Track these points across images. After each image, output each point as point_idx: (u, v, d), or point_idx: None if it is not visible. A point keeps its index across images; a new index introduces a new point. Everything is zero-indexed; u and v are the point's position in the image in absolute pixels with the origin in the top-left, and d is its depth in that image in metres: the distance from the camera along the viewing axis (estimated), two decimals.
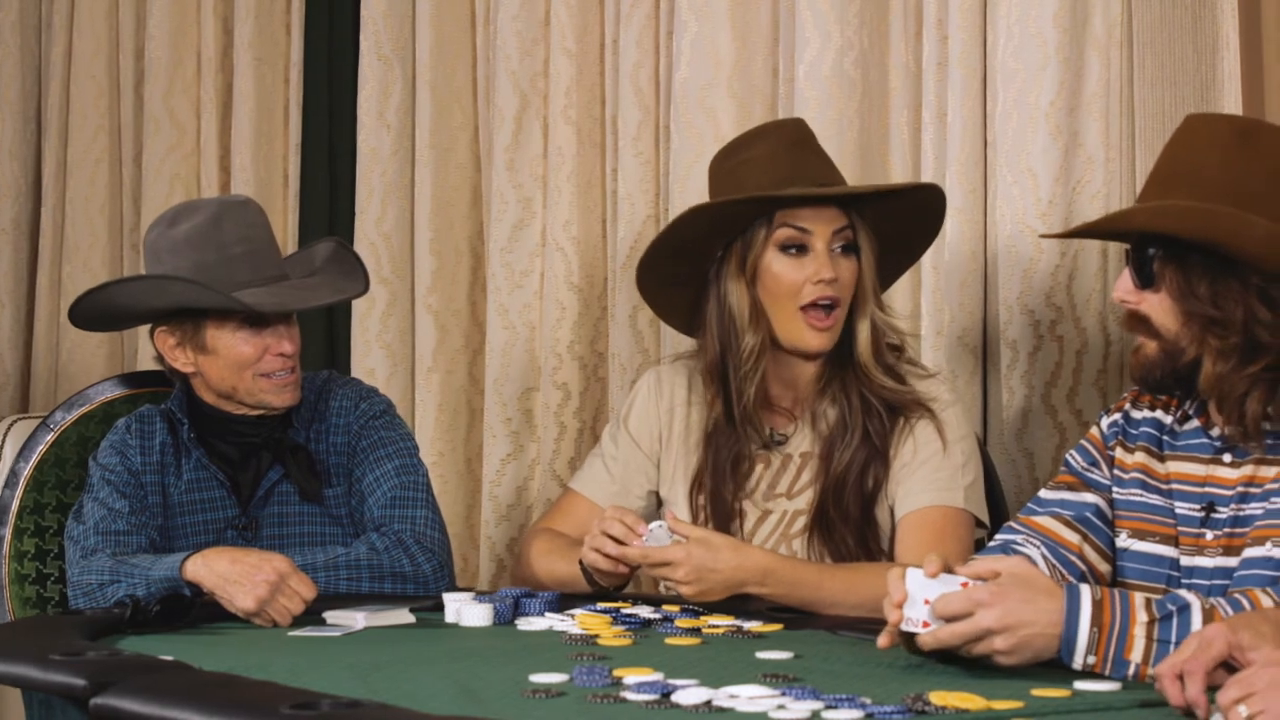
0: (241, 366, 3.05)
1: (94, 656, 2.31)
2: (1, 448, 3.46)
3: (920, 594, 2.28)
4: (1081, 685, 2.16)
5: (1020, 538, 2.61)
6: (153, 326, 3.11)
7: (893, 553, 2.96)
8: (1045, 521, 2.62)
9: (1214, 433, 2.52)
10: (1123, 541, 2.58)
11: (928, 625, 2.27)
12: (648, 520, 2.87)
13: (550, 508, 3.27)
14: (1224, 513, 2.48)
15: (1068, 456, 2.67)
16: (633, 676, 2.19)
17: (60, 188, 4.71)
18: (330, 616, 2.75)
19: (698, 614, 2.73)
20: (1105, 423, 2.66)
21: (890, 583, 2.31)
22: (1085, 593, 2.24)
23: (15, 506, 3.21)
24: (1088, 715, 2.04)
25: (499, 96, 3.96)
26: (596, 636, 2.56)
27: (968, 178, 3.36)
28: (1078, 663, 2.23)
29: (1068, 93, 3.26)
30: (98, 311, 3.14)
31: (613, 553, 2.83)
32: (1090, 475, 2.63)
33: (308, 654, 2.51)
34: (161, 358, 3.11)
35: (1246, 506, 2.46)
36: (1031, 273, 3.29)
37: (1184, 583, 2.50)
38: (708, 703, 2.06)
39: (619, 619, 2.69)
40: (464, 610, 2.75)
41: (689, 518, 3.03)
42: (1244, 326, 2.43)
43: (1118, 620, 2.22)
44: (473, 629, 2.72)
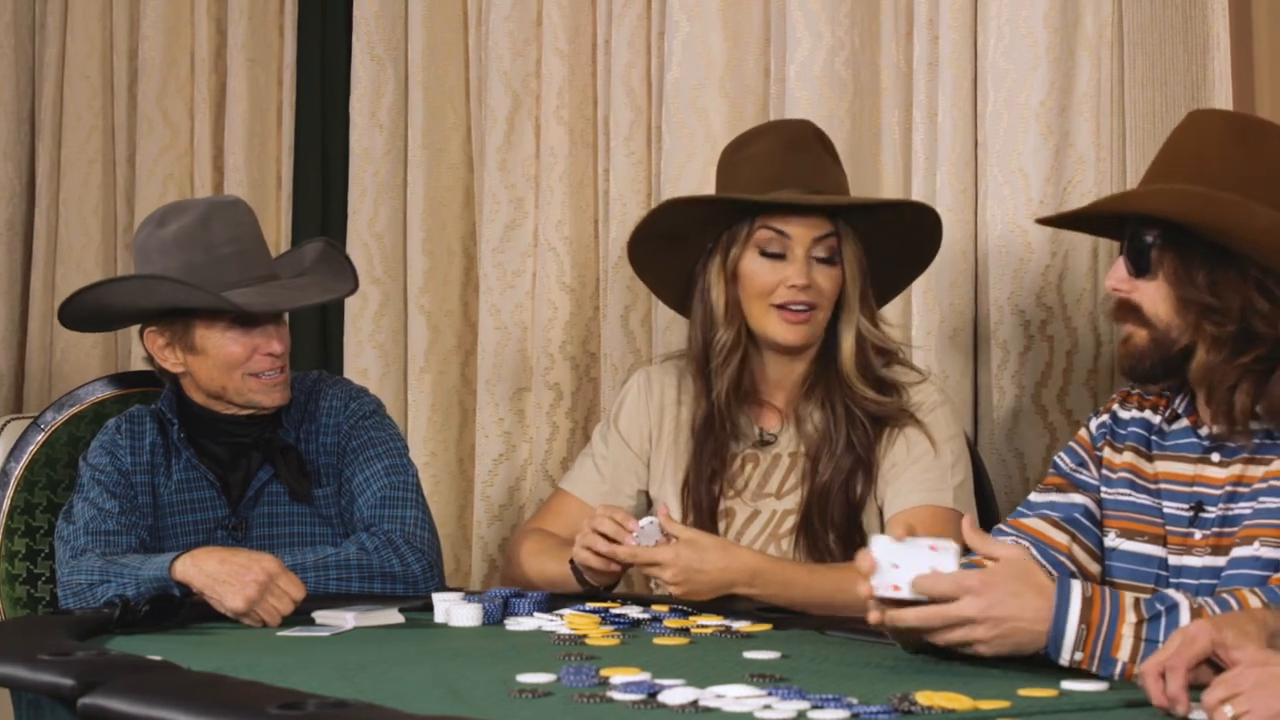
0: (230, 366, 3.05)
1: (82, 656, 2.31)
2: None
3: (887, 560, 2.29)
4: (1068, 685, 2.16)
5: (1009, 539, 2.61)
6: (142, 327, 3.11)
7: None
8: (1033, 523, 2.62)
9: (1203, 432, 2.52)
10: (1111, 541, 2.58)
11: (898, 589, 2.27)
12: (638, 520, 2.87)
13: (540, 508, 3.28)
14: (1212, 512, 2.48)
15: (1056, 458, 2.67)
16: (619, 676, 2.19)
17: (54, 188, 4.71)
18: (319, 616, 2.76)
19: (686, 614, 2.73)
20: (1094, 424, 2.66)
21: (858, 556, 2.32)
22: (1076, 588, 2.24)
23: (6, 506, 3.21)
24: (1074, 715, 2.04)
25: (491, 97, 3.96)
26: (585, 636, 2.56)
27: (958, 178, 3.36)
28: (1065, 659, 2.23)
29: (1058, 93, 3.26)
30: (87, 312, 3.14)
31: (603, 550, 2.83)
32: (1078, 476, 2.63)
33: (296, 654, 2.51)
34: (151, 358, 3.12)
35: (1235, 506, 2.46)
36: (1022, 273, 3.29)
37: (1172, 582, 2.50)
38: (694, 703, 2.06)
39: (608, 619, 2.69)
40: (453, 610, 2.76)
41: (679, 517, 3.04)
42: (1241, 315, 2.43)
43: (1106, 618, 2.22)
44: (461, 629, 2.72)
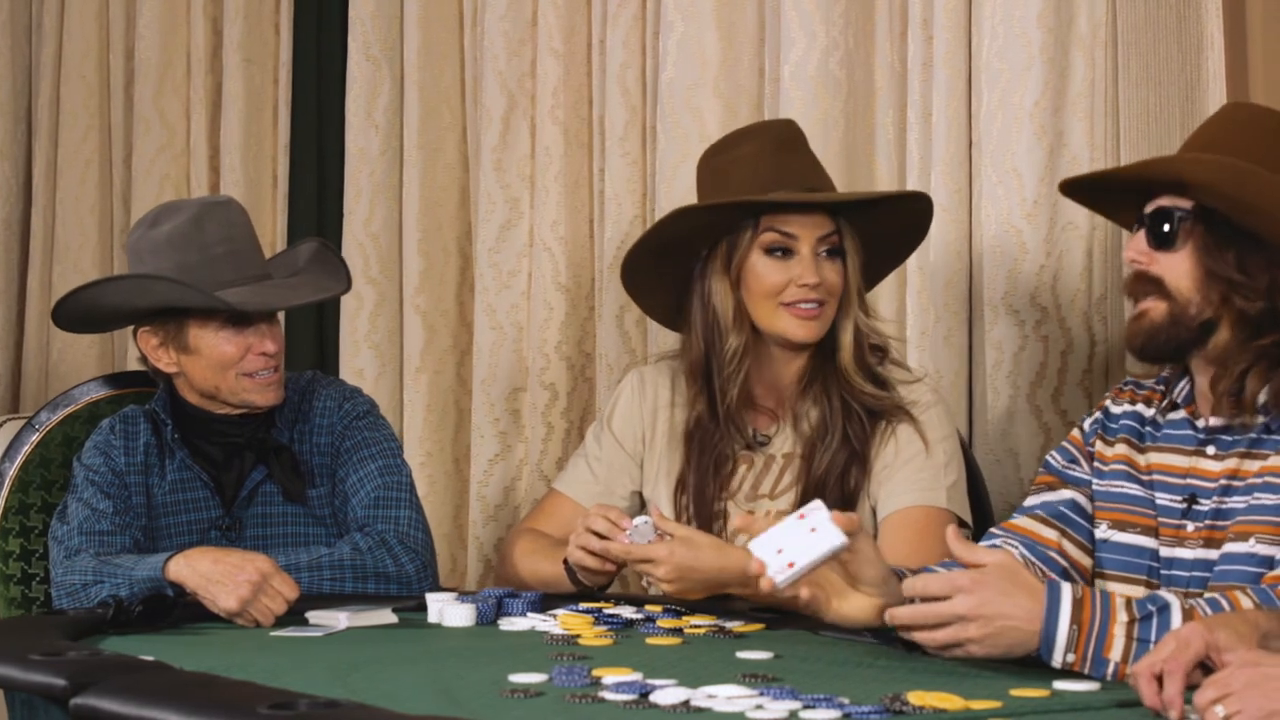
0: (224, 366, 3.05)
1: (74, 656, 2.31)
2: None
3: (771, 549, 2.30)
4: (1060, 685, 2.16)
5: (999, 541, 2.61)
6: (136, 327, 3.11)
7: None
8: (1022, 522, 2.62)
9: (1199, 424, 2.52)
10: (1102, 533, 2.58)
11: (792, 565, 2.28)
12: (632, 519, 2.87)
13: (534, 508, 3.28)
14: (1206, 505, 2.48)
15: (1048, 457, 2.68)
16: (611, 676, 2.19)
17: (51, 188, 4.71)
18: (313, 617, 2.75)
19: (680, 614, 2.73)
20: (1086, 423, 2.67)
21: (744, 562, 2.33)
22: (1066, 590, 2.24)
23: (0, 507, 3.21)
24: (1066, 715, 2.04)
25: (486, 97, 3.96)
26: (578, 636, 2.56)
27: (953, 178, 3.36)
28: (1057, 660, 2.23)
29: (1052, 93, 3.26)
30: (82, 312, 3.14)
31: (596, 548, 2.83)
32: (1069, 472, 2.64)
33: (289, 654, 2.51)
34: (145, 358, 3.12)
35: (1229, 500, 2.47)
36: (1016, 273, 3.29)
37: (1163, 574, 2.50)
38: (685, 703, 2.06)
39: (601, 619, 2.69)
40: (446, 610, 2.75)
41: (672, 518, 3.03)
42: (1269, 293, 2.44)
43: (1097, 618, 2.22)
44: (455, 629, 2.72)
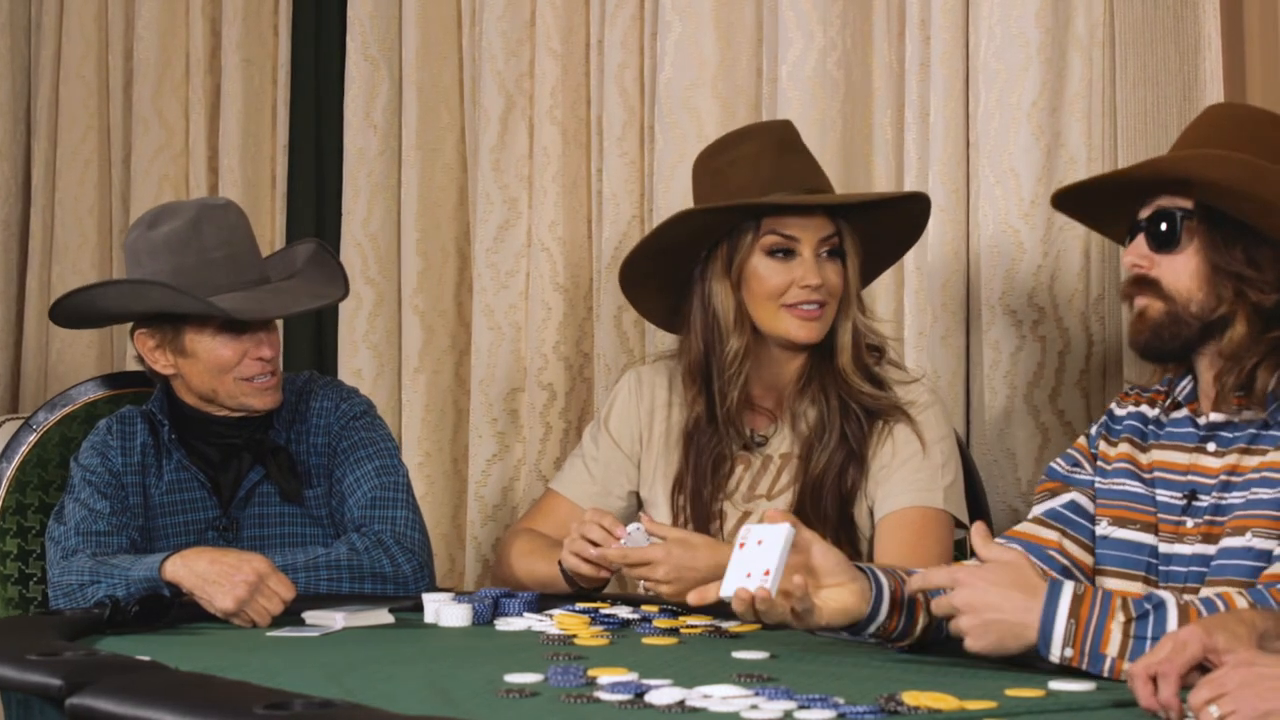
0: (221, 370, 3.05)
1: (70, 656, 2.30)
2: None
3: (739, 581, 2.30)
4: (1056, 685, 2.16)
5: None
6: (133, 327, 3.11)
7: (872, 554, 2.96)
8: (1023, 527, 2.63)
9: (1200, 421, 2.52)
10: (1102, 529, 2.58)
11: (768, 572, 2.28)
12: (627, 521, 2.87)
13: (531, 508, 3.28)
14: (1205, 501, 2.48)
15: (1052, 464, 2.67)
16: (607, 676, 2.19)
17: (50, 188, 4.72)
18: (309, 617, 2.75)
19: (676, 614, 2.73)
20: (1092, 429, 2.67)
21: (735, 603, 2.33)
22: (1067, 587, 2.25)
23: None
24: (1062, 715, 2.04)
25: (485, 97, 3.96)
26: (574, 636, 2.56)
27: (950, 178, 3.36)
28: (1055, 655, 2.23)
29: (1050, 93, 3.26)
30: (78, 313, 3.14)
31: (591, 555, 2.83)
32: (1074, 475, 2.63)
33: (285, 654, 2.51)
34: (142, 359, 3.12)
35: (1228, 495, 2.47)
36: (1014, 273, 3.29)
37: (1162, 570, 2.50)
38: (681, 703, 2.06)
39: (597, 619, 2.69)
40: (443, 610, 2.75)
41: (670, 519, 3.04)
42: (1278, 285, 2.44)
43: (1095, 614, 2.23)
44: (451, 629, 2.72)
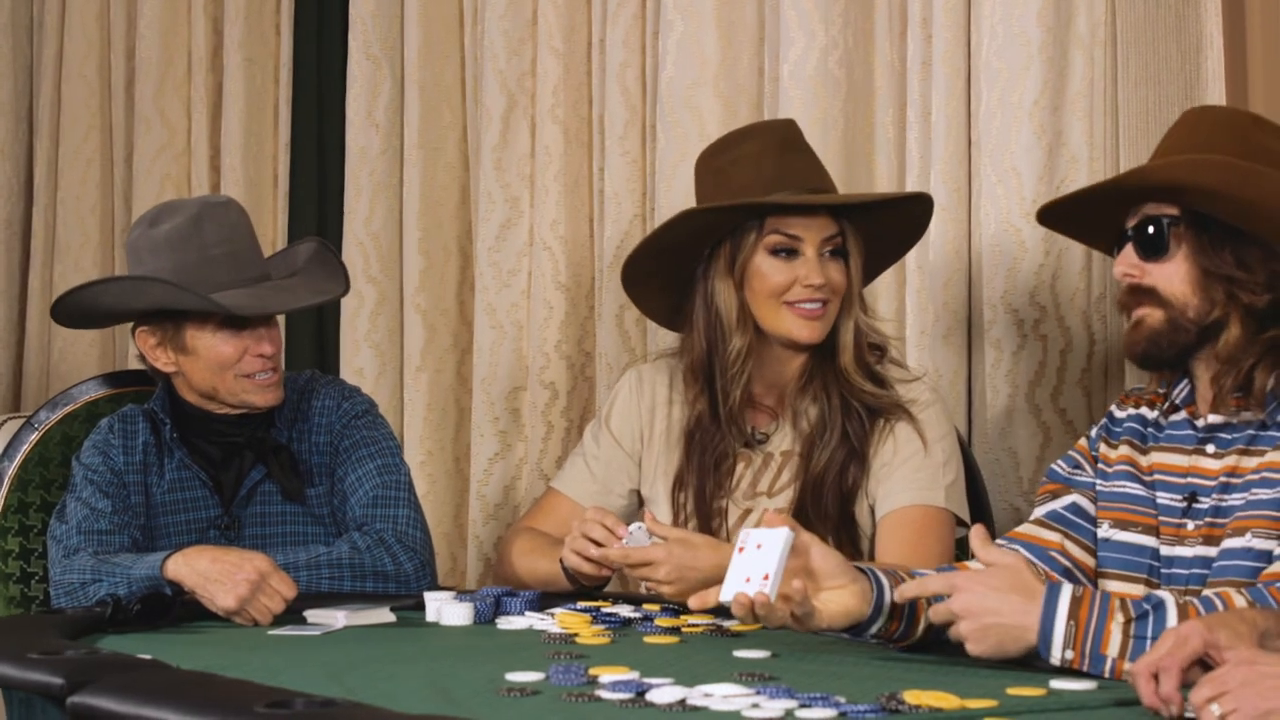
0: (222, 367, 3.05)
1: (72, 655, 2.31)
2: None
3: (738, 585, 2.30)
4: (1057, 684, 2.16)
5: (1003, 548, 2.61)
6: (134, 326, 3.12)
7: (873, 552, 2.96)
8: (1024, 529, 2.63)
9: (1199, 423, 2.52)
10: (1104, 532, 2.58)
11: (767, 577, 2.28)
12: (629, 519, 2.87)
13: (532, 506, 3.28)
14: (1205, 503, 2.49)
15: (1053, 466, 2.67)
16: (608, 675, 2.19)
17: (52, 187, 4.72)
18: (311, 615, 2.76)
19: (677, 613, 2.73)
20: (1092, 432, 2.67)
21: (735, 608, 2.32)
22: (1066, 589, 2.25)
23: (0, 505, 3.21)
24: (1063, 715, 2.04)
25: (486, 96, 3.96)
26: (575, 635, 2.56)
27: (952, 177, 3.36)
28: (1055, 657, 2.23)
29: (1051, 92, 3.26)
30: (79, 311, 3.14)
31: (593, 555, 2.83)
32: (1075, 477, 2.64)
33: (286, 653, 2.51)
34: (143, 357, 3.12)
35: (1228, 497, 2.47)
36: (1015, 272, 3.29)
37: (1164, 572, 2.51)
38: (682, 701, 2.06)
39: (599, 618, 2.69)
40: (444, 609, 2.75)
41: (671, 517, 3.04)
42: (1270, 284, 2.44)
43: (1095, 615, 2.23)
44: (452, 628, 2.72)
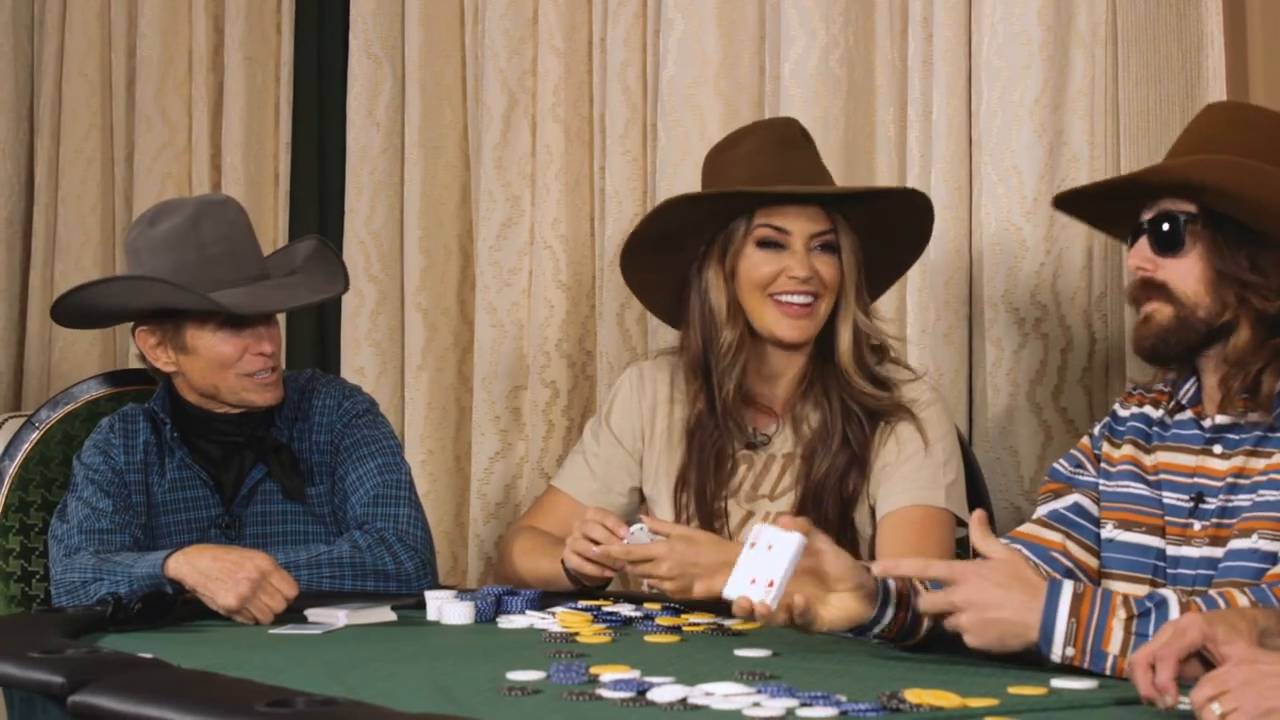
0: (222, 366, 3.05)
1: (72, 654, 2.31)
2: None
3: (743, 584, 2.30)
4: (1058, 683, 2.16)
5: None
6: (134, 325, 3.12)
7: (873, 554, 2.95)
8: (1026, 529, 2.62)
9: (1206, 423, 2.52)
10: (1108, 532, 2.58)
11: (772, 583, 2.29)
12: (630, 518, 2.87)
13: (532, 505, 3.27)
14: (1212, 503, 2.48)
15: (1055, 465, 2.67)
16: (609, 674, 2.19)
17: (53, 186, 4.72)
18: (312, 614, 2.76)
19: (678, 611, 2.73)
20: (1095, 429, 2.67)
21: (736, 608, 2.33)
22: (1067, 585, 2.25)
23: (0, 504, 3.21)
24: (1064, 713, 2.04)
25: (487, 95, 3.96)
26: (576, 634, 2.56)
27: (953, 175, 3.36)
28: (1056, 654, 2.23)
29: (1052, 90, 3.26)
30: (79, 311, 3.14)
31: (595, 554, 2.82)
32: (1077, 477, 2.63)
33: (287, 652, 2.51)
34: (143, 356, 3.12)
35: (1235, 498, 2.46)
36: (1016, 270, 3.29)
37: (1169, 573, 2.50)
38: (683, 700, 2.06)
39: (599, 617, 2.69)
40: (445, 608, 2.76)
41: (673, 516, 3.03)
42: None
43: (1096, 612, 2.23)
44: (453, 627, 2.72)
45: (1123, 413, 2.64)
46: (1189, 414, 2.55)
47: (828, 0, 3.49)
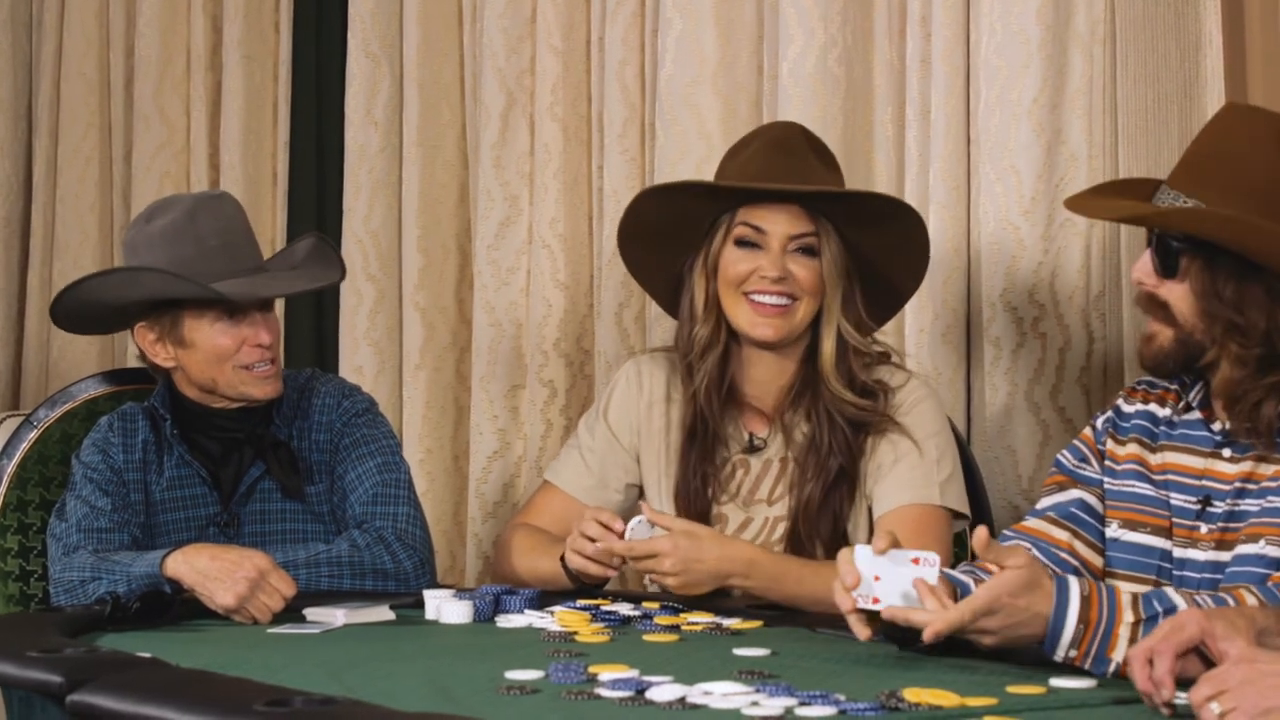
0: (221, 358, 3.05)
1: (71, 653, 2.31)
2: None
3: (870, 572, 2.31)
4: (1057, 682, 2.16)
5: (1011, 541, 2.60)
6: (133, 323, 3.11)
7: None
8: (1033, 524, 2.62)
9: (1215, 426, 2.52)
10: (1113, 532, 2.57)
11: (878, 601, 2.29)
12: (627, 515, 2.87)
13: (528, 501, 3.26)
14: (1220, 507, 2.48)
15: (1059, 456, 2.67)
16: (608, 673, 2.19)
17: (51, 185, 4.72)
18: (310, 613, 2.75)
19: (677, 611, 2.73)
20: (1099, 421, 2.66)
21: (840, 566, 2.32)
22: (1074, 586, 2.25)
23: None
24: (1062, 712, 2.04)
25: (486, 94, 3.96)
26: (575, 633, 2.56)
27: (951, 175, 3.36)
28: (1060, 655, 2.24)
29: (1050, 90, 3.26)
30: (78, 309, 3.14)
31: (595, 552, 2.82)
32: (1081, 471, 2.63)
33: (285, 651, 2.51)
34: (143, 354, 3.12)
35: (1243, 502, 2.46)
36: (1014, 270, 3.29)
37: (1175, 575, 2.50)
38: (681, 699, 2.06)
39: (598, 616, 2.69)
40: (444, 607, 2.75)
41: (671, 514, 3.03)
42: (1266, 337, 2.43)
43: (1104, 618, 2.23)
44: (452, 626, 2.72)
45: (1127, 408, 2.63)
46: (1198, 415, 2.55)
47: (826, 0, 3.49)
